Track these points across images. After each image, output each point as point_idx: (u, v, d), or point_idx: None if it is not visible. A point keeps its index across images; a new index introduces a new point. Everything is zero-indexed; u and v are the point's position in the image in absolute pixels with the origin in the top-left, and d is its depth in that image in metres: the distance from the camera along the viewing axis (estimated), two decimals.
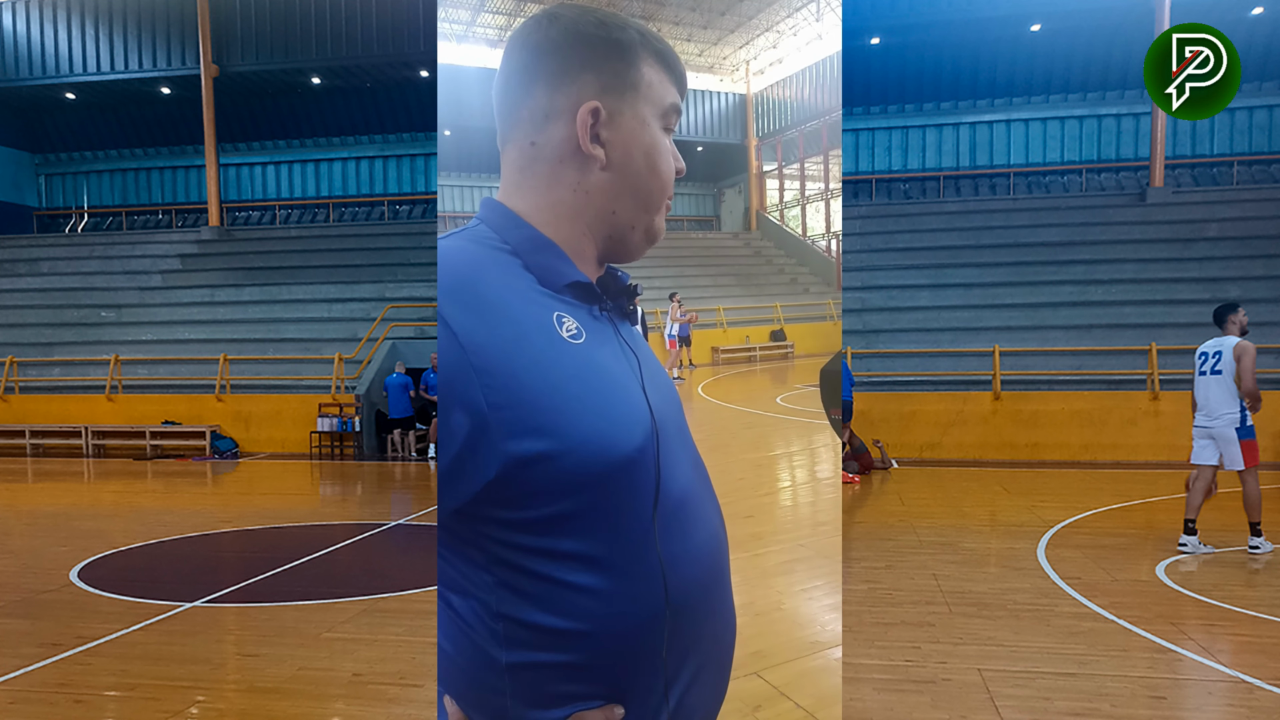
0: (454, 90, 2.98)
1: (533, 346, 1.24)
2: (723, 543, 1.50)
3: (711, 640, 1.43)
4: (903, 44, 22.08)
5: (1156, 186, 19.05)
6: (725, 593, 1.49)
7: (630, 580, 1.28)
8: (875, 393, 14.55)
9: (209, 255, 21.79)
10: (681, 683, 1.35)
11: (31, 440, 16.65)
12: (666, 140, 1.43)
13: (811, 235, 15.47)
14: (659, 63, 1.41)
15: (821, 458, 7.72)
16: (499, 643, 1.27)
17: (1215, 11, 18.46)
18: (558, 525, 1.24)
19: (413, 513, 10.44)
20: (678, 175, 1.48)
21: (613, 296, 1.44)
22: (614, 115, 1.36)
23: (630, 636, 1.28)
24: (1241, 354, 7.30)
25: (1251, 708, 4.40)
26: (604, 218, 1.39)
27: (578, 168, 1.36)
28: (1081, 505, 9.93)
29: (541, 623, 1.25)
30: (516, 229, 1.36)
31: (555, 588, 1.25)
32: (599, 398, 1.27)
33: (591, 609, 1.26)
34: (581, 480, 1.23)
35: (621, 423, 1.28)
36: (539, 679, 1.27)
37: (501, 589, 1.26)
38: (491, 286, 1.27)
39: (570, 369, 1.26)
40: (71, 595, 6.77)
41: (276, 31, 22.37)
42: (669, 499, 1.33)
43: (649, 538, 1.29)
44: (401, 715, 4.43)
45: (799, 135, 14.13)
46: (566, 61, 1.36)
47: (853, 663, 4.98)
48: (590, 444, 1.23)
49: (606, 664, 1.27)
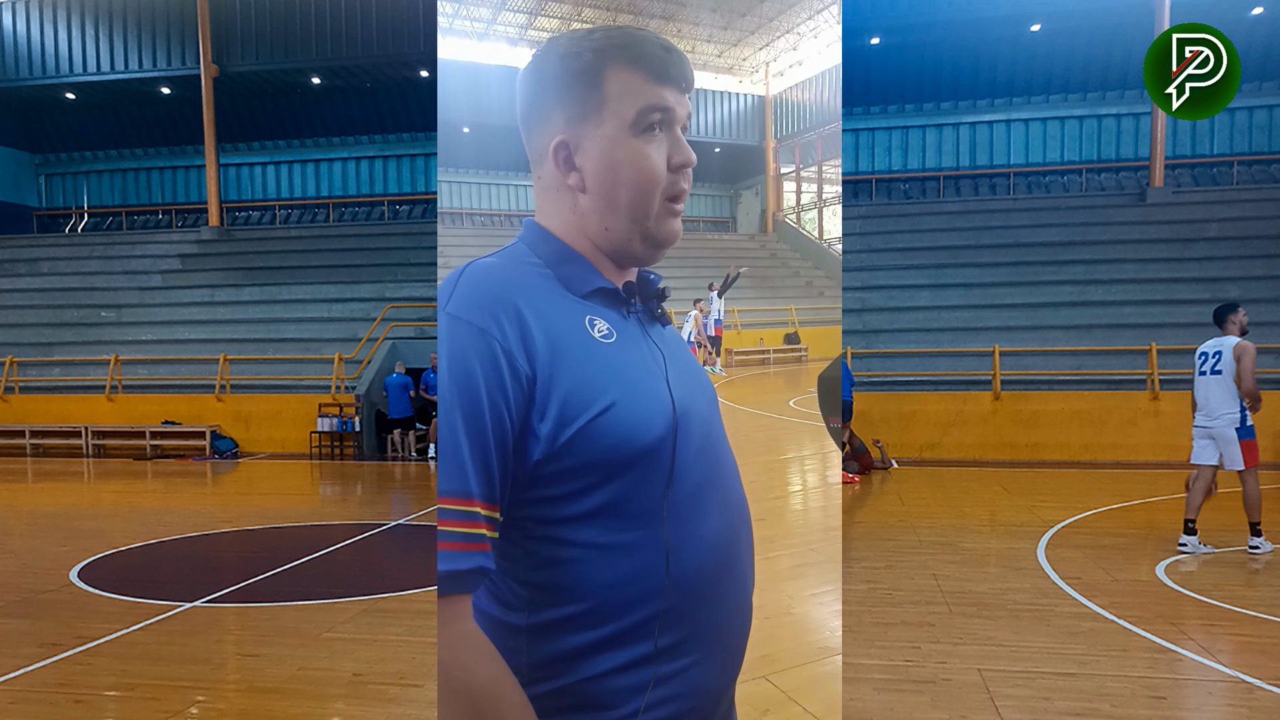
0: (474, 88, 3.01)
1: (570, 347, 1.40)
2: (739, 538, 1.60)
3: (712, 630, 1.50)
4: (903, 44, 22.08)
5: (1156, 186, 19.05)
6: (735, 587, 1.57)
7: (633, 556, 1.41)
8: (875, 393, 14.55)
9: (209, 255, 21.79)
10: (672, 662, 1.45)
11: (31, 440, 16.66)
12: (649, 143, 1.49)
13: (828, 239, 15.47)
14: (631, 67, 1.48)
15: (832, 462, 7.72)
16: (523, 605, 1.43)
17: (1215, 11, 18.46)
18: (576, 500, 1.39)
19: (413, 513, 10.44)
20: (681, 166, 1.52)
21: (642, 300, 1.58)
22: (581, 142, 1.49)
23: (627, 606, 1.41)
24: (1241, 354, 7.30)
25: (1251, 708, 4.40)
26: (601, 234, 1.52)
27: (567, 194, 1.52)
28: (1081, 505, 9.93)
29: (553, 581, 1.41)
30: (546, 243, 1.53)
31: (568, 554, 1.40)
32: (625, 392, 1.41)
33: (595, 576, 1.40)
34: (605, 463, 1.38)
35: (644, 415, 1.42)
36: (548, 636, 1.42)
37: (524, 556, 1.42)
38: (531, 299, 1.41)
39: (601, 365, 1.41)
40: (71, 595, 6.77)
41: (276, 31, 22.37)
42: (683, 486, 1.45)
43: (657, 520, 1.42)
44: (401, 715, 4.43)
45: (817, 138, 14.11)
46: (540, 104, 1.52)
47: (853, 663, 4.98)
48: (615, 433, 1.38)
49: (603, 625, 1.41)
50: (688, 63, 1.55)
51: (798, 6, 10.58)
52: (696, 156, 1.52)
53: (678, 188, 1.52)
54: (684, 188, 1.53)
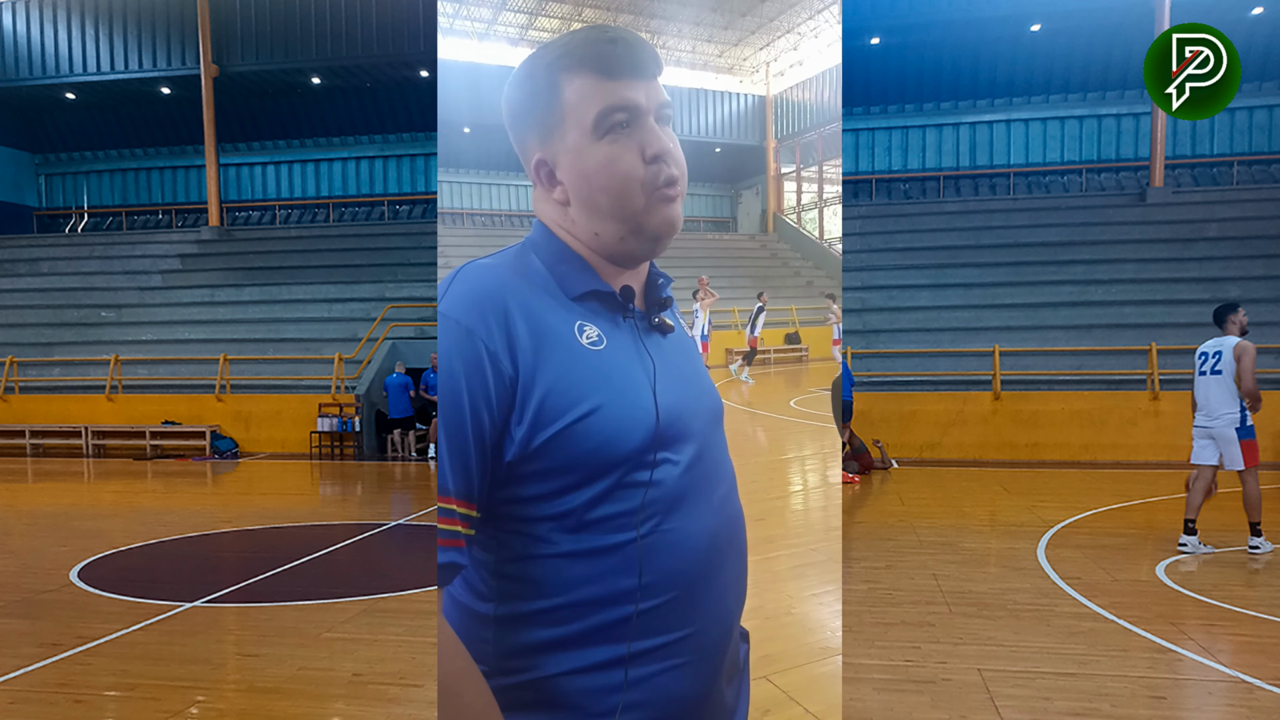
0: (474, 88, 3.01)
1: (554, 351, 1.41)
2: (727, 551, 1.57)
3: (688, 639, 1.49)
4: (903, 44, 22.08)
5: (1156, 186, 19.05)
6: (717, 598, 1.54)
7: (604, 559, 1.43)
8: (875, 393, 14.55)
9: (209, 255, 21.79)
10: (646, 664, 1.45)
11: (31, 440, 16.65)
12: (615, 144, 1.47)
13: (829, 239, 15.45)
14: (581, 71, 1.48)
15: (833, 462, 7.73)
16: (493, 597, 1.47)
17: (1215, 11, 18.46)
18: (550, 501, 1.41)
19: (413, 513, 10.44)
20: (656, 158, 1.47)
21: (643, 306, 1.58)
22: (555, 157, 1.51)
23: (599, 605, 1.43)
24: (1241, 354, 7.30)
25: (1251, 708, 4.40)
26: (593, 239, 1.52)
27: (557, 207, 1.55)
28: (1081, 505, 9.93)
29: (524, 574, 1.44)
30: (548, 244, 1.55)
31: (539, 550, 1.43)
32: (605, 399, 1.42)
33: (564, 575, 1.42)
34: (580, 468, 1.40)
35: (623, 423, 1.42)
36: (515, 628, 1.45)
37: (499, 548, 1.45)
38: (522, 300, 1.43)
39: (584, 371, 1.42)
40: (71, 595, 6.76)
41: (276, 31, 22.36)
42: (664, 496, 1.45)
43: (632, 527, 1.43)
44: (401, 715, 4.43)
45: (818, 138, 14.09)
46: (517, 126, 1.56)
47: (853, 663, 4.98)
48: (592, 439, 1.39)
49: (573, 622, 1.44)
50: (641, 47, 1.50)
51: (798, 6, 10.58)
52: (697, 155, 1.50)
53: (661, 178, 1.48)
54: (672, 174, 1.49)
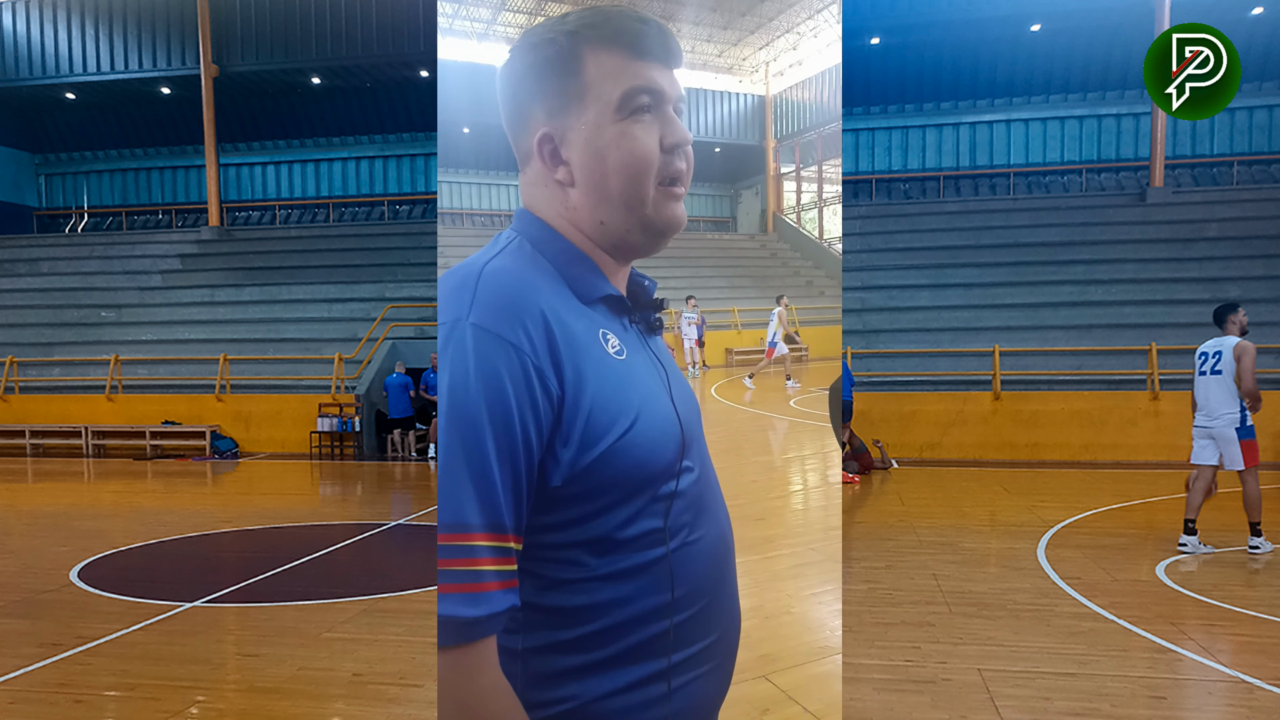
0: (474, 88, 3.00)
1: (589, 363, 1.31)
2: (729, 544, 1.56)
3: (718, 636, 1.49)
4: (903, 44, 22.07)
5: (1156, 186, 19.05)
6: (731, 592, 1.54)
7: (639, 576, 1.35)
8: (875, 393, 14.55)
9: (209, 255, 21.78)
10: (684, 673, 1.42)
11: (31, 440, 16.65)
12: (637, 125, 1.38)
13: (828, 238, 15.45)
14: (612, 48, 1.39)
15: (833, 462, 7.72)
16: (519, 629, 1.36)
17: (1215, 11, 18.45)
18: (587, 523, 1.33)
19: (413, 513, 10.44)
20: (675, 146, 1.41)
21: (640, 309, 1.51)
22: (565, 134, 1.40)
23: (636, 624, 1.36)
24: (1241, 354, 7.29)
25: (1251, 708, 4.40)
26: (596, 228, 1.42)
27: (557, 191, 1.42)
28: (1081, 505, 9.93)
29: (558, 604, 1.34)
30: (551, 242, 1.42)
31: (575, 575, 1.34)
32: (640, 412, 1.34)
33: (603, 597, 1.34)
34: (621, 486, 1.32)
35: (659, 436, 1.36)
36: (549, 659, 1.36)
37: (526, 578, 1.32)
38: (554, 309, 1.32)
39: (617, 384, 1.33)
40: (71, 595, 6.76)
41: (276, 31, 22.36)
42: (684, 501, 1.41)
43: (661, 536, 1.37)
44: (401, 715, 4.43)
45: (818, 138, 14.08)
46: (520, 99, 1.43)
47: (853, 663, 4.98)
48: (634, 455, 1.32)
49: (612, 644, 1.36)
50: (670, 35, 1.43)
51: (798, 6, 10.57)
52: (696, 155, 1.44)
53: (673, 169, 1.41)
54: (681, 168, 1.43)
